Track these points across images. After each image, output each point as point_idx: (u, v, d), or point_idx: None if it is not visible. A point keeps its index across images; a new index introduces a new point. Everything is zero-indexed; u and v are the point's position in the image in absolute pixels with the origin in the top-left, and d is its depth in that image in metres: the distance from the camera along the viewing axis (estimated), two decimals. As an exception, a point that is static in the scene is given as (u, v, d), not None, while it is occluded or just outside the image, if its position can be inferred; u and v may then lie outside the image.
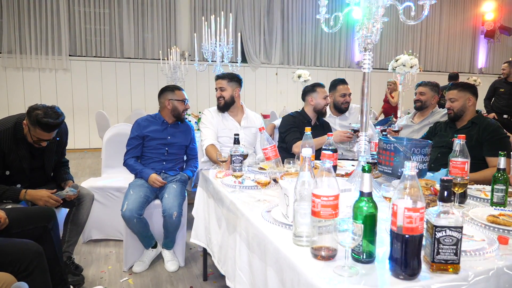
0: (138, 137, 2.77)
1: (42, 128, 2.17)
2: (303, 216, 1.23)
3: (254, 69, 8.92)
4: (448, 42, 10.73)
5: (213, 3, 8.37)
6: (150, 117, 2.87)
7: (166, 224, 2.56)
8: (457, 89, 2.59)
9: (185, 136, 2.90)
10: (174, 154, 2.85)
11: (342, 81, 3.35)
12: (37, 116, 2.13)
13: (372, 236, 1.11)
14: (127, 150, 2.80)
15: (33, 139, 2.23)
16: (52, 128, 2.21)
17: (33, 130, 2.19)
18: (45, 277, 1.74)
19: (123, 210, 2.46)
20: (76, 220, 2.48)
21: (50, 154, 2.43)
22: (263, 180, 1.76)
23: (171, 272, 2.63)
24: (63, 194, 2.35)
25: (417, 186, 1.03)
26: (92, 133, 7.64)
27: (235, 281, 1.61)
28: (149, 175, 2.66)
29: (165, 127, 2.83)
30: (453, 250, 1.05)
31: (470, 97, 2.56)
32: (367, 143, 1.86)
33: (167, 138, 2.81)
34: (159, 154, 2.81)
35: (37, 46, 7.35)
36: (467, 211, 1.54)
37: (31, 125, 2.18)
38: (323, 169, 1.15)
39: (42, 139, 2.24)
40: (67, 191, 2.36)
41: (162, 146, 2.80)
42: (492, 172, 2.26)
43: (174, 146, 2.84)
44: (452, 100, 2.59)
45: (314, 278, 1.05)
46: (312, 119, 3.01)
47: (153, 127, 2.80)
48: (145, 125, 2.79)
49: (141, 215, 2.50)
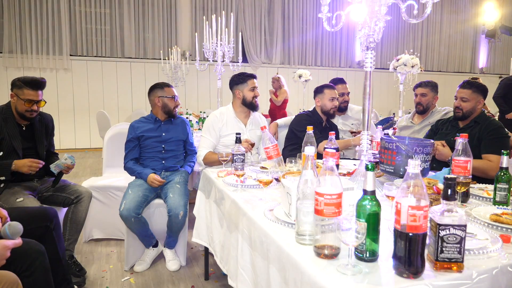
0: (133, 139, 2.78)
1: (30, 86, 2.35)
2: (306, 215, 1.23)
3: (255, 69, 8.91)
4: (449, 41, 10.72)
5: (214, 2, 8.38)
6: (143, 118, 2.88)
7: (171, 223, 2.55)
8: (471, 90, 2.50)
9: (181, 130, 2.89)
10: (172, 151, 2.83)
11: (340, 80, 3.35)
12: (22, 79, 2.36)
13: (376, 235, 1.11)
14: (125, 154, 2.81)
15: (25, 105, 2.34)
16: (38, 85, 2.39)
17: (22, 93, 2.35)
18: (47, 276, 1.74)
19: (121, 210, 2.48)
20: (75, 218, 2.50)
21: (40, 135, 2.49)
22: (265, 179, 1.75)
23: (173, 272, 2.64)
24: (61, 163, 2.36)
25: (421, 184, 1.02)
26: (93, 132, 7.65)
27: (237, 280, 1.61)
28: (147, 175, 2.66)
29: (158, 125, 2.82)
30: (457, 249, 1.04)
31: (481, 99, 2.51)
32: (369, 142, 1.86)
33: (162, 135, 2.80)
34: (157, 152, 2.80)
35: (38, 46, 7.36)
36: (469, 210, 1.54)
37: (19, 89, 2.35)
38: (326, 167, 1.15)
39: (32, 100, 2.36)
40: (65, 158, 2.38)
41: (158, 143, 2.79)
42: (485, 164, 2.26)
43: (171, 142, 2.83)
44: (464, 99, 2.51)
45: (317, 277, 1.05)
46: (323, 120, 3.01)
47: (147, 126, 2.81)
48: (139, 126, 2.81)
49: (139, 214, 2.49)
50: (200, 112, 5.78)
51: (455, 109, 2.58)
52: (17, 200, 2.24)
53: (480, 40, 11.17)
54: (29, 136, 2.46)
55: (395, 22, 9.84)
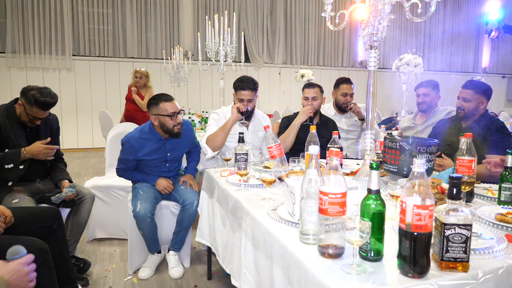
0: (132, 160, 2.53)
1: (40, 107, 2.28)
2: (310, 214, 1.23)
3: (257, 69, 8.91)
4: (452, 41, 10.68)
5: (216, 2, 8.38)
6: (143, 134, 2.51)
7: (183, 216, 2.49)
8: (473, 90, 2.47)
9: (185, 142, 2.67)
10: (176, 167, 2.73)
11: (345, 80, 3.31)
12: (34, 96, 2.24)
13: (380, 234, 1.10)
14: (119, 167, 2.59)
15: (28, 117, 2.32)
16: (48, 107, 2.32)
17: (30, 109, 2.28)
18: (51, 275, 1.74)
19: (137, 210, 2.38)
20: (76, 219, 2.48)
21: (45, 136, 2.44)
22: (268, 179, 1.75)
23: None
24: (62, 196, 2.37)
25: (426, 183, 1.02)
26: (95, 132, 7.66)
27: (241, 280, 1.60)
28: (155, 181, 2.56)
29: (162, 144, 2.56)
30: (462, 248, 1.04)
31: (484, 100, 2.48)
32: (372, 142, 1.85)
33: (166, 155, 2.60)
34: (160, 172, 2.64)
35: (41, 46, 7.38)
36: (474, 210, 1.53)
37: (28, 105, 2.27)
38: (330, 166, 1.15)
39: (37, 117, 2.33)
40: (66, 192, 2.38)
41: (162, 163, 2.61)
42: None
43: (176, 159, 2.68)
44: (465, 100, 2.49)
45: (321, 276, 1.04)
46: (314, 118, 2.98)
47: (149, 147, 2.52)
48: (139, 146, 2.49)
49: (153, 215, 2.46)
50: (203, 112, 5.77)
51: (457, 109, 2.57)
52: (13, 201, 2.22)
53: (483, 40, 11.13)
54: (33, 137, 2.41)
55: (398, 21, 9.82)
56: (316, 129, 2.10)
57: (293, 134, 2.81)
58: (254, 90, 2.69)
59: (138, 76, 5.08)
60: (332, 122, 3.08)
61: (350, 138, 3.35)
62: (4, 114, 2.32)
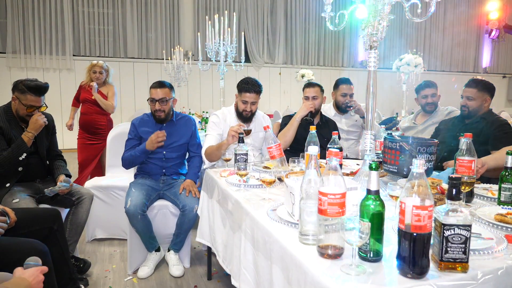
0: (135, 137, 2.72)
1: (33, 92, 2.34)
2: (309, 215, 1.22)
3: (257, 69, 8.91)
4: (452, 41, 10.67)
5: (217, 2, 8.38)
6: (145, 116, 2.77)
7: (183, 220, 2.52)
8: (477, 88, 2.49)
9: (185, 131, 2.76)
10: (174, 159, 2.75)
11: (345, 80, 3.30)
12: (24, 83, 2.33)
13: (380, 235, 1.10)
14: (124, 152, 2.72)
15: (26, 109, 2.35)
16: (41, 91, 2.38)
17: (24, 98, 2.34)
18: (50, 277, 1.74)
19: (127, 207, 2.44)
20: (75, 220, 2.48)
21: (40, 135, 2.47)
22: (268, 179, 1.75)
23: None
24: (55, 190, 2.38)
25: (425, 184, 1.02)
26: (95, 132, 7.65)
27: (240, 280, 1.60)
28: (145, 143, 2.57)
29: (158, 128, 2.70)
30: (461, 249, 1.03)
31: (488, 98, 2.50)
32: (372, 142, 1.85)
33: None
34: (157, 160, 2.71)
35: (41, 46, 7.39)
36: (474, 210, 1.53)
37: (21, 94, 2.33)
38: (330, 167, 1.15)
39: (33, 106, 2.37)
40: (59, 186, 2.39)
41: (159, 149, 2.65)
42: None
43: (173, 148, 2.73)
44: (469, 98, 2.51)
45: (321, 277, 1.04)
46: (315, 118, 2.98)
47: (148, 127, 2.71)
48: (139, 124, 2.73)
49: (144, 212, 2.48)
50: (203, 112, 5.77)
51: (461, 107, 2.59)
52: (13, 201, 2.24)
53: (484, 40, 11.13)
54: None
55: (398, 21, 9.81)
56: (317, 129, 2.10)
57: (293, 129, 2.82)
58: (258, 93, 2.67)
59: (97, 71, 4.01)
60: (332, 122, 3.08)
61: (350, 138, 3.34)
62: (4, 118, 2.35)
